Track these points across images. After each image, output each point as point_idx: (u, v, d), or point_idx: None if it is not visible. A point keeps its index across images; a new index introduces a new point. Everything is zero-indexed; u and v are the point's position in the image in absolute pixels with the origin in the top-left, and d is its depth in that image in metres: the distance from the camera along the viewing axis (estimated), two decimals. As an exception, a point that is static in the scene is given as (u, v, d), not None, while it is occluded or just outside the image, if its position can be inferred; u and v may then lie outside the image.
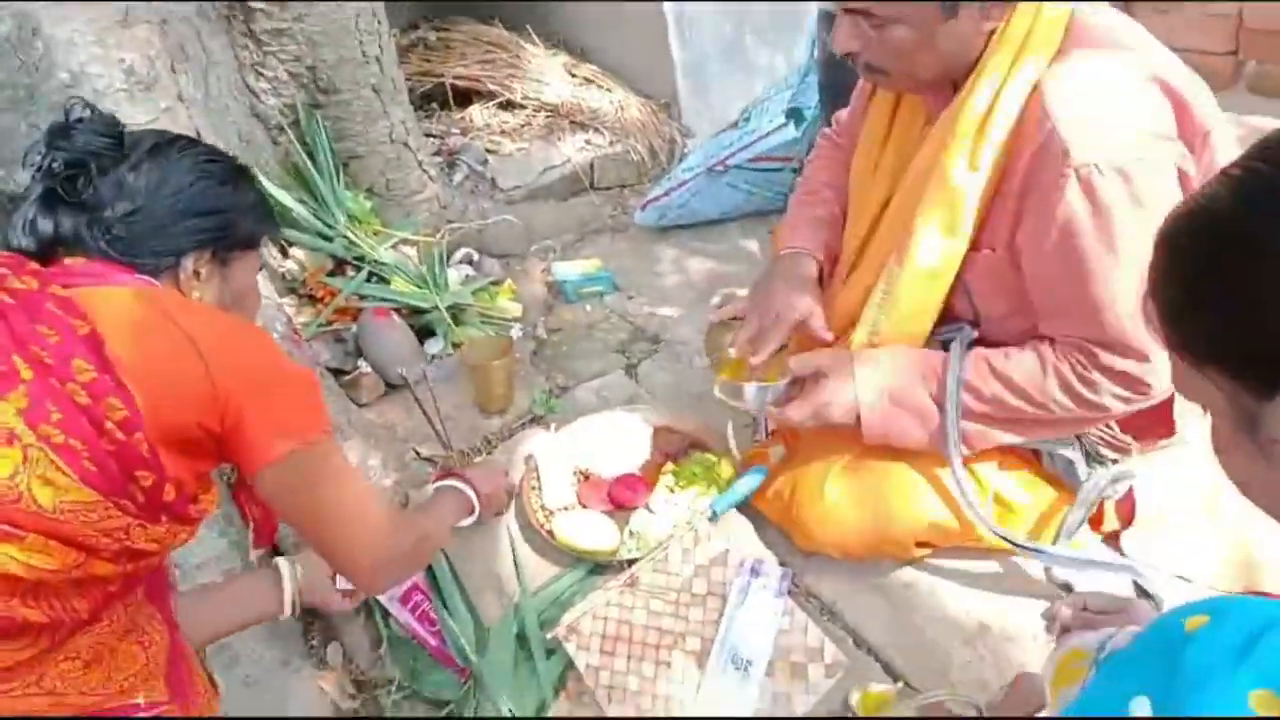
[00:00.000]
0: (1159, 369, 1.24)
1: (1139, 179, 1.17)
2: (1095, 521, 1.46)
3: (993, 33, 1.25)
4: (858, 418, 1.38)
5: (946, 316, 1.43)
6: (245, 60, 2.13)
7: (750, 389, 1.44)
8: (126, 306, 0.98)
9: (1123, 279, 1.20)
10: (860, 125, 1.56)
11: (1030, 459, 1.47)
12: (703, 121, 2.90)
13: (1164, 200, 1.18)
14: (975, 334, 1.39)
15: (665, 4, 2.74)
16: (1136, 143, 1.18)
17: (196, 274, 1.09)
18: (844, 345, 1.46)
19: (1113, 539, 1.47)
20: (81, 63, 1.46)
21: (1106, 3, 1.33)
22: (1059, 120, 1.19)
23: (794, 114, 2.44)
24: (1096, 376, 1.26)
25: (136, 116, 1.52)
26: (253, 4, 2.06)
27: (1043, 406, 1.30)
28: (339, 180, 2.19)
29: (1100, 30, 1.26)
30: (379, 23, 2.21)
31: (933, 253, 1.34)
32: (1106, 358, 1.25)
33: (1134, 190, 1.17)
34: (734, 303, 1.72)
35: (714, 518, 1.59)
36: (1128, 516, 1.45)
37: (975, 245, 1.33)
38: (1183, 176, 1.20)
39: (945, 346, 1.41)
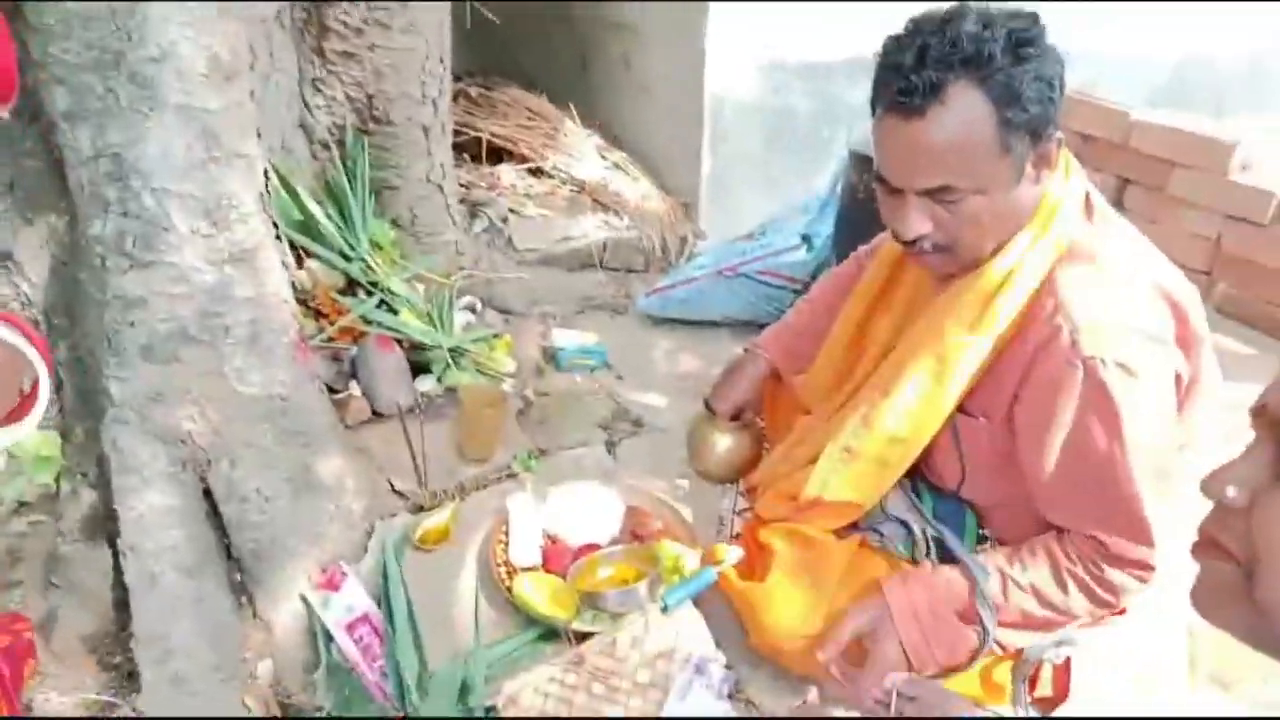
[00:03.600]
0: (1162, 550, 1.27)
1: (1142, 376, 1.22)
2: (1029, 685, 1.51)
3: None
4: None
5: (924, 477, 1.50)
6: (307, 74, 2.20)
7: (612, 594, 1.58)
8: None
9: (1130, 468, 1.24)
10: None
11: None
12: (717, 228, 3.02)
13: (1161, 401, 1.25)
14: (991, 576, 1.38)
15: (706, 111, 2.89)
16: (1140, 343, 1.24)
17: None
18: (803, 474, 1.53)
19: (1045, 706, 1.52)
20: (172, 41, 1.50)
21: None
22: (1068, 312, 1.24)
23: (807, 239, 2.56)
24: (1110, 573, 1.28)
25: (211, 102, 1.56)
26: (330, 24, 2.14)
27: (1065, 613, 1.34)
28: (369, 206, 2.24)
29: (1114, 223, 1.34)
30: (444, 68, 2.30)
31: (908, 412, 1.39)
32: (1117, 545, 1.27)
33: (1136, 385, 1.22)
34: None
35: (665, 609, 1.61)
36: (1062, 688, 1.50)
37: (967, 410, 1.39)
38: (1178, 380, 1.29)
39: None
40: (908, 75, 1.18)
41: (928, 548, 1.53)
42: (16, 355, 0.83)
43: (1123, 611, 1.40)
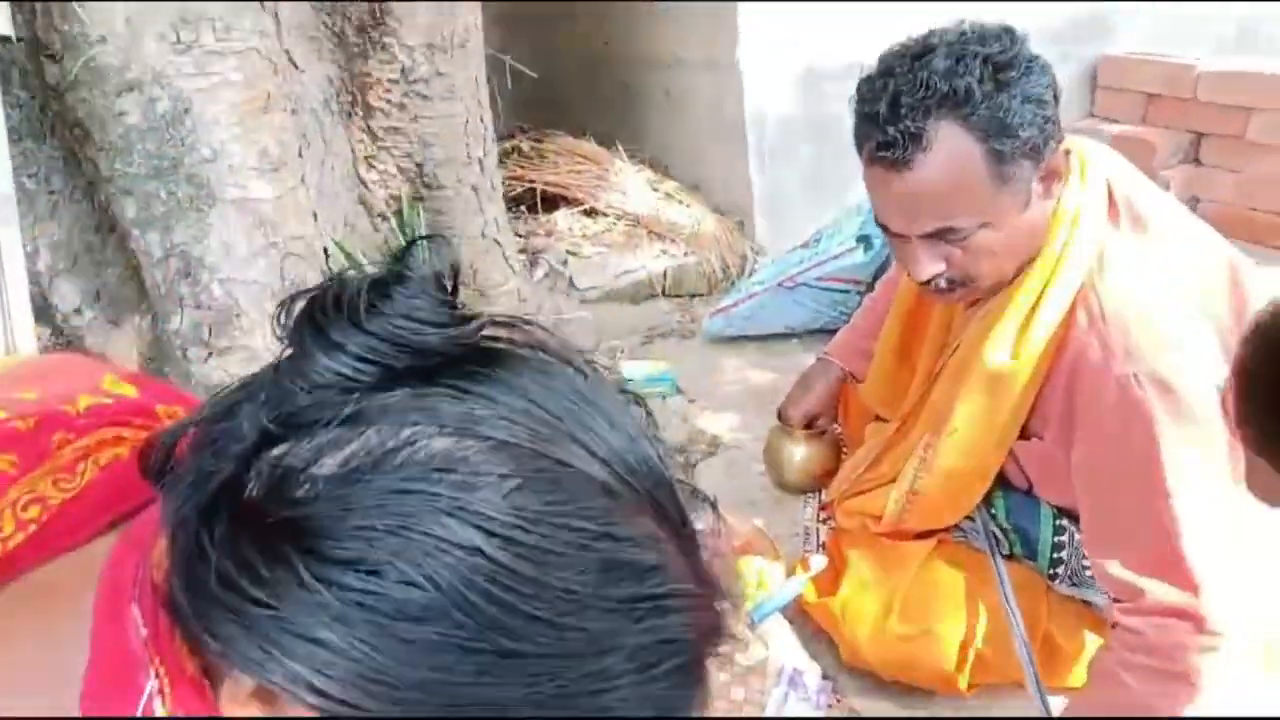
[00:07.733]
0: (1212, 602, 1.14)
1: (1182, 393, 1.13)
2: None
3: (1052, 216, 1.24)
4: None
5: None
6: (360, 153, 2.33)
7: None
8: None
9: (1169, 496, 1.14)
10: None
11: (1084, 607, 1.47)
12: (774, 241, 3.02)
13: (1206, 419, 1.13)
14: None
15: (749, 129, 2.91)
16: (1182, 358, 1.15)
17: None
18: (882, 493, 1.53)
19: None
20: (222, 141, 1.63)
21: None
22: (1100, 326, 1.18)
23: (864, 240, 2.54)
24: (1158, 636, 1.16)
25: (264, 193, 1.68)
26: (374, 104, 2.27)
27: (1156, 706, 1.19)
28: (430, 267, 2.34)
29: (1150, 216, 1.26)
30: (485, 128, 2.41)
31: (966, 447, 1.35)
32: (1154, 592, 1.16)
33: (1176, 403, 1.13)
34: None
35: (754, 624, 1.60)
36: None
37: (1024, 434, 1.34)
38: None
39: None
40: (885, 127, 1.13)
41: (1009, 543, 1.50)
42: None
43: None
